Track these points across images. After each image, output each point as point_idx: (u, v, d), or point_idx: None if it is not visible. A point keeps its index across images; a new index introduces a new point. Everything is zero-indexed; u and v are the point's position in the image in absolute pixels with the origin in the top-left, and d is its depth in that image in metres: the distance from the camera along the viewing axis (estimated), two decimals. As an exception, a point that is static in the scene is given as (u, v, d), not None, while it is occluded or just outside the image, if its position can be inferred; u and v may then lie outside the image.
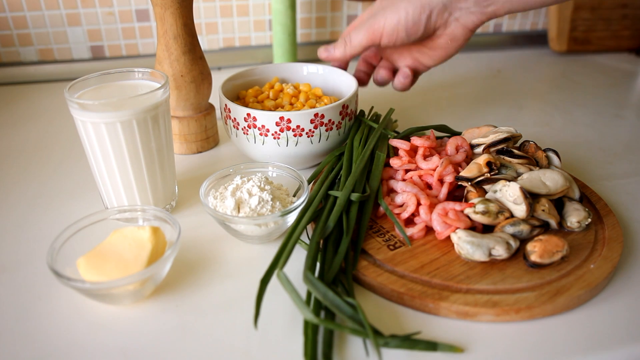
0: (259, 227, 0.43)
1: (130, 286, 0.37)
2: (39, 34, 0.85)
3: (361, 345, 0.35)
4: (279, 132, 0.52)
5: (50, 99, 0.79)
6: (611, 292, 0.40)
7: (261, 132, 0.52)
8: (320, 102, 0.58)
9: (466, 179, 0.46)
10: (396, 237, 0.45)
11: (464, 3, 0.52)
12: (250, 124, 0.52)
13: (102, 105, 0.42)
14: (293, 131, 0.52)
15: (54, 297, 0.40)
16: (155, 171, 0.47)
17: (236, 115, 0.53)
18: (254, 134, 0.53)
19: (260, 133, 0.52)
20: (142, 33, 0.89)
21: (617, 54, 1.03)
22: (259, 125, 0.52)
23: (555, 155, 0.50)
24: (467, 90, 0.85)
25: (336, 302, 0.36)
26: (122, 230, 0.41)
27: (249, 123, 0.52)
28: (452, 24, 0.53)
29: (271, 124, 0.51)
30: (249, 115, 0.52)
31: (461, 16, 0.53)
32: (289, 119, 0.51)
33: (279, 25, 0.83)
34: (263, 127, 0.52)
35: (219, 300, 0.40)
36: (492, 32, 1.06)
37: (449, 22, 0.53)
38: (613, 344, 0.36)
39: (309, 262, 0.38)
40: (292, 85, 0.60)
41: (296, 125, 0.51)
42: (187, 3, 0.55)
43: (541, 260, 0.40)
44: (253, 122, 0.52)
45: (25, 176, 0.57)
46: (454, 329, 0.37)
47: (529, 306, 0.37)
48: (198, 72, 0.58)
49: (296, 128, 0.52)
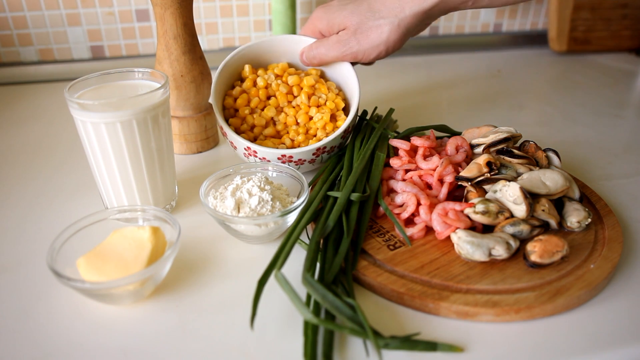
0: (259, 227, 0.43)
1: (130, 286, 0.37)
2: (39, 34, 0.85)
3: (361, 345, 0.35)
4: (280, 163, 0.52)
5: (50, 99, 0.79)
6: (611, 292, 0.40)
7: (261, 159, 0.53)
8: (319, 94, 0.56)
9: (466, 179, 0.46)
10: (396, 237, 0.45)
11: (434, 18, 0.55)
12: (250, 154, 0.52)
13: (102, 105, 0.42)
14: (295, 163, 0.52)
15: (54, 297, 0.40)
16: (155, 171, 0.47)
17: (237, 145, 0.53)
18: (254, 159, 0.53)
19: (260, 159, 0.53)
20: (142, 33, 0.89)
21: (617, 54, 1.03)
22: (259, 156, 0.52)
23: (555, 155, 0.50)
24: (467, 90, 0.85)
25: (336, 304, 0.35)
26: (122, 230, 0.41)
27: (249, 152, 0.52)
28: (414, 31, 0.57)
29: (273, 157, 0.51)
30: (249, 148, 0.52)
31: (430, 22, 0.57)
32: (290, 156, 0.51)
33: (279, 25, 0.83)
34: (264, 159, 0.52)
35: (218, 300, 0.40)
36: (492, 32, 1.06)
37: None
38: (613, 344, 0.36)
39: (308, 263, 0.38)
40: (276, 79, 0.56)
41: (298, 159, 0.52)
42: (187, 3, 0.55)
43: (541, 260, 0.40)
44: (254, 153, 0.52)
45: (25, 176, 0.57)
46: (453, 329, 0.37)
47: (529, 306, 0.37)
48: (198, 72, 0.58)
49: (298, 161, 0.52)
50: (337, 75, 0.60)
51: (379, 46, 0.53)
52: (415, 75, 0.92)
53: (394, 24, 0.52)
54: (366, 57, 0.55)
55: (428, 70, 0.95)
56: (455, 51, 1.05)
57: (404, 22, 0.52)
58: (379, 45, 0.53)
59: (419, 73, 0.93)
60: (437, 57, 1.02)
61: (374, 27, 0.53)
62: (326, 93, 0.56)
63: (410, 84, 0.86)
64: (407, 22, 0.52)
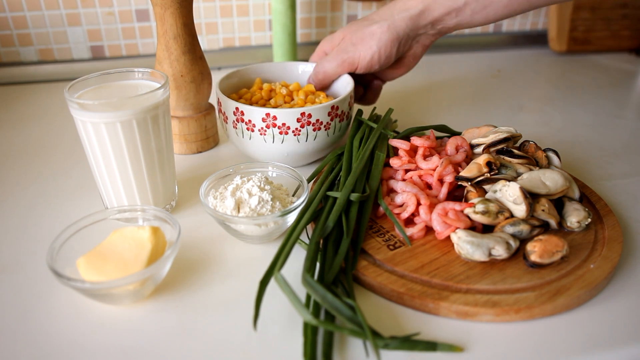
0: (258, 227, 0.43)
1: (130, 286, 0.37)
2: (39, 34, 0.85)
3: (361, 344, 0.35)
4: (265, 128, 0.52)
5: (50, 99, 0.79)
6: (611, 292, 0.40)
7: (248, 127, 0.53)
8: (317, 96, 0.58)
9: (466, 179, 0.46)
10: (396, 237, 0.45)
11: (423, 29, 0.58)
12: (238, 118, 0.53)
13: (102, 105, 0.42)
14: (279, 128, 0.52)
15: (54, 297, 0.40)
16: (155, 171, 0.47)
17: (226, 109, 0.54)
18: (242, 128, 0.54)
19: (247, 128, 0.53)
20: (142, 33, 0.89)
21: (617, 54, 1.03)
22: (246, 120, 0.53)
23: (555, 155, 0.50)
24: (467, 90, 0.85)
25: (335, 305, 0.35)
26: (122, 230, 0.41)
27: (237, 117, 0.53)
28: (414, 46, 0.61)
29: (257, 119, 0.52)
30: (237, 109, 0.53)
31: (421, 38, 0.60)
32: (274, 115, 0.51)
33: (279, 25, 0.83)
34: (250, 122, 0.52)
35: (218, 300, 0.40)
36: (492, 32, 1.06)
37: (412, 45, 0.60)
38: (613, 344, 0.36)
39: (307, 263, 0.38)
40: (280, 84, 0.60)
41: (282, 122, 0.52)
42: (187, 3, 0.55)
43: (541, 260, 0.40)
44: (241, 117, 0.53)
45: (25, 176, 0.57)
46: (453, 329, 0.37)
47: (528, 306, 0.37)
48: (198, 72, 0.58)
49: (282, 126, 0.52)
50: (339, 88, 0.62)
51: (371, 47, 0.57)
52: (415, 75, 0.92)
53: (384, 27, 0.57)
54: (362, 59, 0.58)
55: (428, 70, 0.95)
56: (455, 51, 1.05)
57: (393, 24, 0.57)
58: (372, 46, 0.57)
59: (419, 73, 0.93)
60: (437, 57, 1.02)
61: (368, 32, 0.57)
62: (324, 96, 0.59)
63: (410, 84, 0.86)
64: (397, 25, 0.57)
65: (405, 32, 0.57)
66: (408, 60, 0.62)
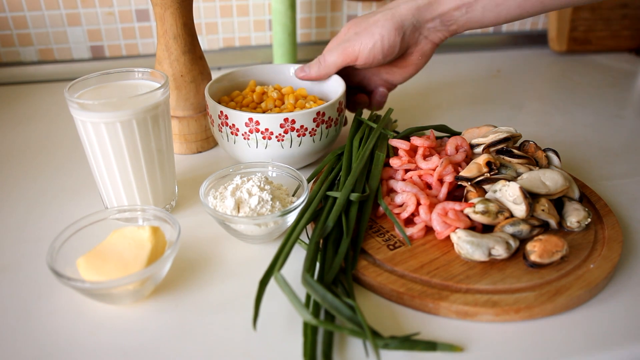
0: (258, 227, 0.43)
1: (130, 286, 0.37)
2: (39, 34, 0.85)
3: (361, 344, 0.35)
4: (248, 133, 0.52)
5: (50, 99, 0.79)
6: (611, 292, 0.40)
7: (232, 130, 0.53)
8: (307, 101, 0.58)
9: (466, 179, 0.46)
10: (396, 236, 0.45)
11: (431, 23, 0.56)
12: (223, 122, 0.53)
13: (102, 105, 0.42)
14: (262, 133, 0.52)
15: (54, 297, 0.40)
16: (155, 171, 0.47)
17: (212, 112, 0.54)
18: (226, 131, 0.53)
19: (231, 132, 0.53)
20: (142, 33, 0.89)
21: (617, 54, 1.03)
22: (230, 124, 0.52)
23: (555, 155, 0.50)
24: (467, 90, 0.85)
25: (335, 304, 0.35)
26: (122, 230, 0.41)
27: (222, 121, 0.53)
28: (422, 42, 0.58)
29: (241, 124, 0.52)
30: (222, 113, 0.52)
31: (429, 34, 0.58)
32: (257, 120, 0.51)
33: (279, 25, 0.83)
34: (234, 126, 0.52)
35: (218, 300, 0.40)
36: (492, 32, 1.06)
37: (419, 40, 0.58)
38: (613, 344, 0.36)
39: (307, 263, 0.38)
40: (273, 88, 0.60)
41: (265, 128, 0.51)
42: (187, 3, 0.55)
43: (541, 260, 0.40)
44: (225, 120, 0.53)
45: (25, 176, 0.57)
46: (453, 329, 0.37)
47: (528, 306, 0.37)
48: (198, 72, 0.58)
49: (265, 131, 0.51)
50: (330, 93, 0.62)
51: (374, 35, 0.55)
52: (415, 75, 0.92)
53: (388, 15, 0.55)
54: (364, 47, 0.56)
55: (428, 70, 0.94)
56: (455, 51, 1.05)
57: (398, 12, 0.55)
58: (374, 34, 0.55)
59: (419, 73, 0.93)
60: (437, 57, 1.02)
61: (372, 20, 0.56)
62: (315, 101, 0.58)
63: (410, 84, 0.86)
64: (402, 13, 0.55)
65: (411, 21, 0.55)
66: (416, 58, 0.60)
